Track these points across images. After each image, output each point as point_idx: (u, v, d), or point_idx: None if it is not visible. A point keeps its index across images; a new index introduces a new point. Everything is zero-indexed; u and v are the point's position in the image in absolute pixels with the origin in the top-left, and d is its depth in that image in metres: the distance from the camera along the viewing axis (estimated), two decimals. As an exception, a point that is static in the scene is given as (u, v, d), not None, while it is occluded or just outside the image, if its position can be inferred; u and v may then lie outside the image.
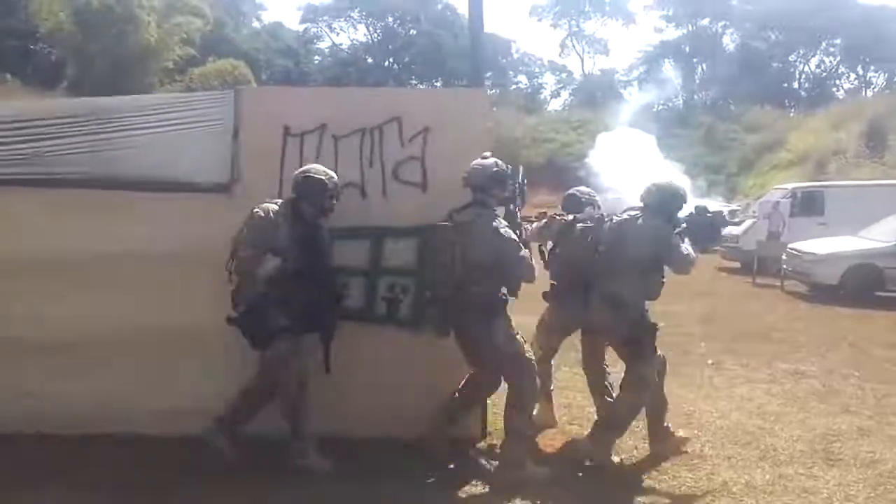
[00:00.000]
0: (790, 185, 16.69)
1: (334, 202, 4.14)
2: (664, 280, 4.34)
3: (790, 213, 14.86)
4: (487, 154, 4.25)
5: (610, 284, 4.24)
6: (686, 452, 4.51)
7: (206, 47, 39.54)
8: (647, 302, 4.32)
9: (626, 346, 4.33)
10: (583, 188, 5.23)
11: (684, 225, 4.40)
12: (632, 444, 4.59)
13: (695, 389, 5.99)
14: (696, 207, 4.16)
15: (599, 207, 4.95)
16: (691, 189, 20.67)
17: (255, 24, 58.77)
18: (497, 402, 5.31)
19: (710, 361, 7.01)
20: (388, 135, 4.60)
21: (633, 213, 4.38)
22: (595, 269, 4.37)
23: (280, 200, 4.11)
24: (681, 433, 4.62)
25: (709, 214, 15.98)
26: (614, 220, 4.42)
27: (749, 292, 12.55)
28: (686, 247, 4.26)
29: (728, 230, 16.60)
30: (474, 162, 4.19)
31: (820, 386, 6.17)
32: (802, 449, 4.64)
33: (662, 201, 4.32)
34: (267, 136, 4.56)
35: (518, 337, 4.12)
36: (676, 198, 4.38)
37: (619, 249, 4.24)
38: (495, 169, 4.13)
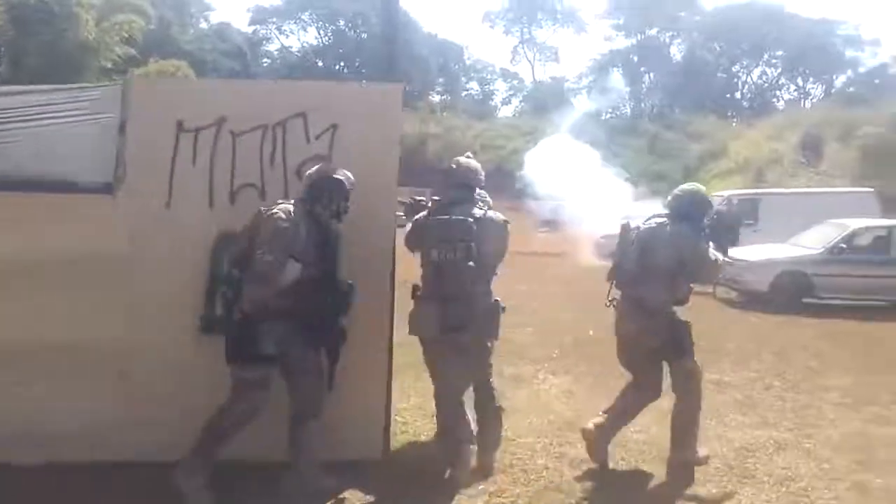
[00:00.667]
0: (726, 193, 16.90)
1: (349, 204, 3.89)
2: (693, 286, 4.37)
3: (726, 220, 14.99)
4: (471, 154, 4.35)
5: (638, 290, 4.25)
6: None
7: (149, 47, 38.51)
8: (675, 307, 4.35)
9: (659, 351, 4.32)
10: None
11: (706, 231, 4.38)
12: (542, 464, 4.40)
13: (617, 401, 5.84)
14: (717, 212, 4.35)
15: (489, 207, 4.77)
16: (634, 196, 20.80)
17: (203, 24, 57.69)
18: (408, 420, 5.09)
19: (634, 371, 6.88)
20: (292, 131, 4.31)
21: (660, 219, 4.33)
22: (624, 275, 4.36)
23: (292, 201, 3.82)
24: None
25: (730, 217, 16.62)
26: (642, 227, 4.35)
27: (683, 299, 12.59)
28: (713, 252, 4.26)
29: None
30: (461, 160, 4.27)
31: (741, 397, 6.08)
32: (718, 465, 4.50)
33: (689, 206, 4.31)
34: (157, 132, 4.22)
35: None
36: (702, 203, 4.37)
37: (649, 255, 4.22)
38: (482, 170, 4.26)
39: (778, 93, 56.77)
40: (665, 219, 4.31)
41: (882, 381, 6.77)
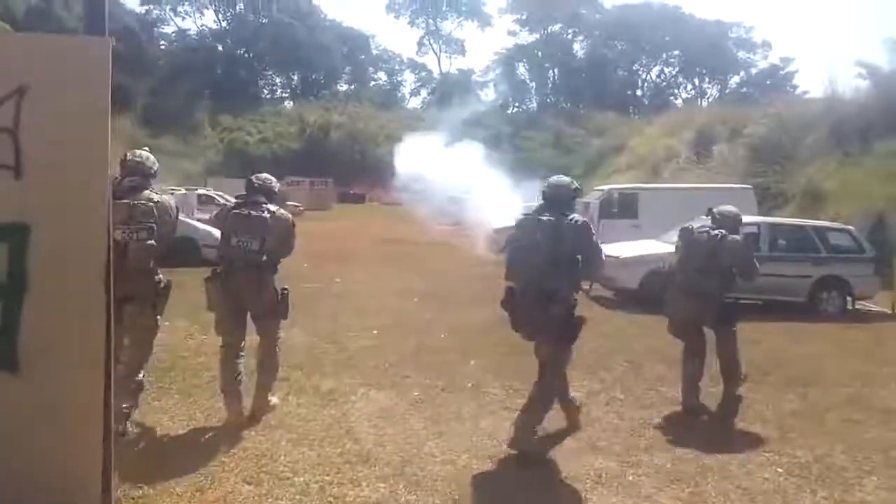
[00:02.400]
0: (605, 187, 16.54)
1: None
2: (734, 279, 5.72)
3: (606, 215, 14.58)
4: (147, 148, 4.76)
5: (700, 282, 5.65)
6: None
7: (29, 24, 35.81)
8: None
9: (715, 322, 5.72)
10: (262, 174, 5.11)
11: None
12: (320, 489, 3.54)
13: (434, 424, 5.05)
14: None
15: (275, 193, 5.10)
16: (514, 190, 20.33)
17: (90, 1, 54.19)
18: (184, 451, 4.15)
19: (469, 384, 6.12)
20: (-38, 96, 3.28)
21: (715, 230, 5.69)
22: (688, 269, 5.82)
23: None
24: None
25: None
26: (710, 234, 5.69)
27: (556, 298, 11.97)
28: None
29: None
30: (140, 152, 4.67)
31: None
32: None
33: (734, 222, 5.78)
34: None
35: None
36: (740, 220, 5.88)
37: (711, 257, 5.60)
38: None
39: (676, 91, 58.29)
40: (723, 230, 5.65)
41: (733, 392, 6.24)
